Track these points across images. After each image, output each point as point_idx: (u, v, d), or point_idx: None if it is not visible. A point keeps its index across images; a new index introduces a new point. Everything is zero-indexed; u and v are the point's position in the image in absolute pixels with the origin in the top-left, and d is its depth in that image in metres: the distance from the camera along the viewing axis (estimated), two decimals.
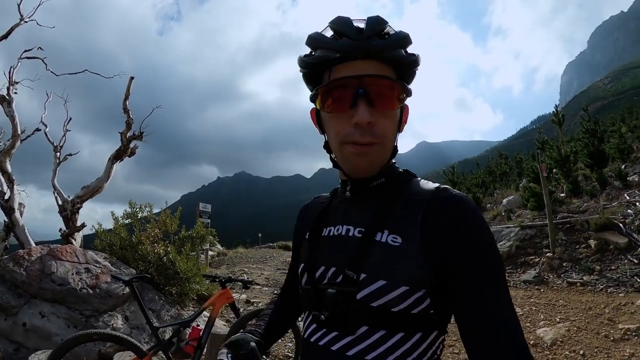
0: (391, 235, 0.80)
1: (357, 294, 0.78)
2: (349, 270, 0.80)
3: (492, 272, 0.75)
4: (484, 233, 0.77)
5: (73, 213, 7.03)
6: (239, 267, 11.31)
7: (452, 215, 0.78)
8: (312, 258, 0.91)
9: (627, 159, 17.13)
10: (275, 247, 20.29)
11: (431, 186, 0.85)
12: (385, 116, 0.81)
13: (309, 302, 0.88)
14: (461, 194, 0.82)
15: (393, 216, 0.82)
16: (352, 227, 0.87)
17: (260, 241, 26.24)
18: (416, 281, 0.76)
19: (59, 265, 4.42)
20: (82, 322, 4.09)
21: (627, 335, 4.46)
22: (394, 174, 0.91)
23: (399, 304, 0.76)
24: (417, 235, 0.78)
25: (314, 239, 0.95)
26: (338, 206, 0.97)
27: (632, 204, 8.60)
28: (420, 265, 0.76)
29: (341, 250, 0.85)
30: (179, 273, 5.14)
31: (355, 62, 0.79)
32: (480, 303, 0.72)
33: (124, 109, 7.55)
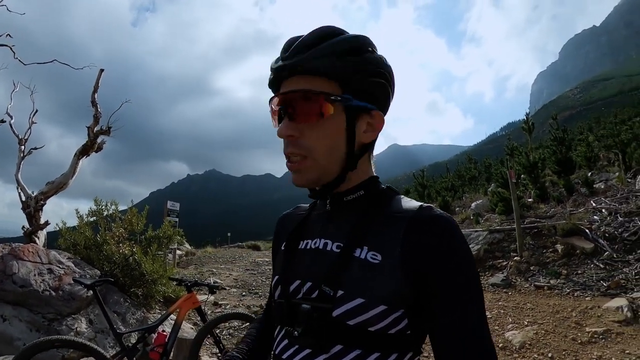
0: (371, 252, 0.77)
1: (333, 311, 0.75)
2: (326, 286, 0.77)
3: (470, 292, 0.74)
4: (464, 253, 0.76)
5: (36, 210, 6.74)
6: (207, 267, 11.12)
7: (434, 234, 0.76)
8: (287, 271, 0.88)
9: (594, 166, 17.80)
10: (245, 247, 20.13)
11: (414, 204, 0.83)
12: (312, 128, 0.80)
13: (282, 316, 0.85)
14: (444, 213, 0.80)
15: (373, 232, 0.80)
16: (330, 241, 0.84)
17: (229, 241, 25.99)
18: (395, 300, 0.74)
19: (21, 266, 4.21)
20: (44, 325, 3.91)
21: (594, 338, 4.58)
22: (375, 189, 0.89)
23: (376, 323, 0.73)
24: (397, 253, 0.75)
25: (290, 251, 0.92)
26: (317, 218, 0.94)
27: (598, 211, 8.91)
28: (400, 283, 0.74)
29: (318, 264, 0.82)
30: (145, 274, 4.99)
31: (287, 80, 0.82)
32: (456, 320, 0.72)
33: (92, 102, 7.29)
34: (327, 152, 0.81)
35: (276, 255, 1.03)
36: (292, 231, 0.96)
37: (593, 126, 36.39)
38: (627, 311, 5.00)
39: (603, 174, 15.75)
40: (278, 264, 0.96)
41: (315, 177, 0.83)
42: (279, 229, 1.07)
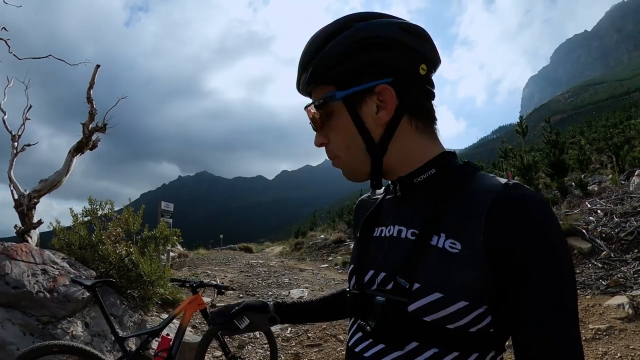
0: (449, 240, 0.69)
1: (408, 305, 0.69)
2: (401, 278, 0.70)
3: (564, 285, 0.64)
4: (558, 240, 0.65)
5: (29, 208, 6.59)
6: (201, 269, 11.02)
7: (522, 218, 0.65)
8: (362, 260, 0.83)
9: (586, 169, 17.96)
10: (237, 249, 20.08)
11: (497, 182, 0.71)
12: (333, 130, 0.81)
13: (355, 308, 0.80)
14: (534, 192, 0.69)
15: (451, 217, 0.71)
16: (405, 228, 0.77)
17: (221, 242, 25.88)
18: (477, 295, 0.66)
19: (14, 266, 4.08)
20: (38, 329, 3.78)
21: (598, 334, 4.63)
22: (451, 166, 0.79)
23: (456, 320, 0.66)
24: (479, 241, 0.66)
25: (364, 238, 0.87)
26: (390, 203, 0.88)
27: (593, 212, 8.96)
28: (483, 276, 0.66)
29: (392, 253, 0.76)
30: (142, 276, 4.87)
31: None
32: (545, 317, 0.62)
33: (87, 98, 7.15)
34: (346, 150, 0.81)
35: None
36: (366, 218, 0.91)
37: (584, 130, 36.82)
38: (628, 308, 5.05)
39: (596, 176, 15.90)
40: (353, 253, 0.91)
41: (351, 172, 0.84)
42: (356, 215, 1.04)
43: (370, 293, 0.76)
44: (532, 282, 0.63)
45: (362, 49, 0.74)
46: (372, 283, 0.78)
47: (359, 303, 0.78)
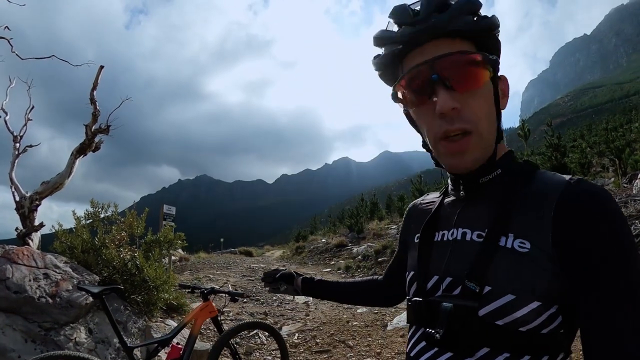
0: (518, 240, 0.66)
1: (479, 310, 0.65)
2: (470, 282, 0.67)
3: (634, 283, 0.61)
4: (627, 235, 0.63)
5: (31, 211, 6.47)
6: (203, 273, 10.94)
7: (590, 214, 0.63)
8: (423, 266, 0.79)
9: (588, 173, 17.93)
10: (237, 253, 20.06)
11: (561, 178, 0.70)
12: (473, 96, 0.69)
13: (419, 316, 0.75)
14: (600, 188, 0.67)
15: (518, 216, 0.69)
16: (469, 231, 0.74)
17: (222, 246, 25.85)
18: (549, 295, 0.64)
19: (15, 270, 3.97)
20: (40, 335, 3.66)
21: None
22: (512, 165, 0.77)
23: (528, 322, 0.63)
24: (549, 239, 0.64)
25: (425, 244, 0.82)
26: (450, 207, 0.83)
27: None
28: (554, 274, 0.63)
29: (458, 257, 0.72)
30: (146, 280, 4.76)
31: (423, 47, 0.72)
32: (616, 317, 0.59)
33: (90, 99, 7.05)
34: (489, 123, 0.71)
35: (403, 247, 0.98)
36: (426, 222, 0.85)
37: (585, 133, 36.85)
38: None
39: (597, 179, 15.87)
40: (411, 258, 0.86)
41: (480, 155, 0.72)
42: (408, 220, 0.98)
43: (435, 300, 0.73)
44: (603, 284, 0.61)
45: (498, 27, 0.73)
46: (437, 289, 0.75)
47: (423, 311, 0.75)
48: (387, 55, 0.76)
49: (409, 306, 0.81)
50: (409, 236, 0.94)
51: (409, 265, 0.87)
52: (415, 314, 0.78)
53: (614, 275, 0.61)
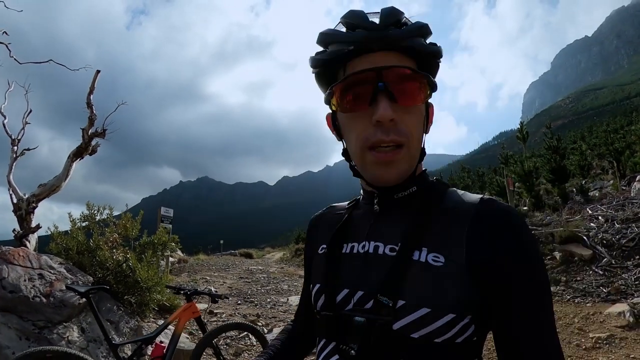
0: (432, 254, 0.68)
1: (393, 324, 0.66)
2: (383, 296, 0.68)
3: (543, 292, 0.67)
4: (535, 250, 0.69)
5: (28, 213, 6.56)
6: (200, 275, 10.99)
7: (501, 231, 0.68)
8: (332, 279, 0.78)
9: (587, 175, 17.90)
10: (237, 255, 20.05)
11: (474, 197, 0.75)
12: (409, 112, 0.72)
13: (329, 330, 0.75)
14: (509, 206, 0.72)
15: (432, 232, 0.71)
16: (382, 244, 0.74)
17: (221, 248, 25.80)
18: (463, 307, 0.66)
19: (11, 270, 4.05)
20: (34, 333, 3.75)
21: (598, 343, 4.55)
22: (426, 183, 0.80)
23: (443, 333, 0.65)
24: (462, 254, 0.67)
25: (331, 256, 0.81)
26: (361, 219, 0.83)
27: (594, 218, 8.92)
28: (467, 287, 0.66)
29: (369, 270, 0.73)
30: (139, 282, 4.84)
31: (372, 54, 0.72)
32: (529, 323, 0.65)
33: (87, 103, 7.14)
34: (418, 141, 0.74)
35: (308, 262, 0.94)
36: (334, 234, 0.85)
37: (585, 135, 36.77)
38: (629, 316, 4.98)
39: (597, 182, 15.86)
40: (317, 270, 0.85)
41: (407, 169, 0.73)
42: (312, 232, 0.96)
43: (347, 314, 0.72)
44: (517, 290, 0.66)
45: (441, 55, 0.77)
46: (347, 303, 0.74)
47: (334, 325, 0.73)
48: (334, 53, 0.74)
49: (317, 320, 0.80)
50: (313, 251, 0.91)
51: (313, 276, 0.85)
52: (325, 328, 0.76)
53: (526, 286, 0.65)
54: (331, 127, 0.83)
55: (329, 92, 0.76)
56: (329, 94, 0.76)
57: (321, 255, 0.85)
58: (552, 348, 0.65)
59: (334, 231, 0.85)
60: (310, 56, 0.80)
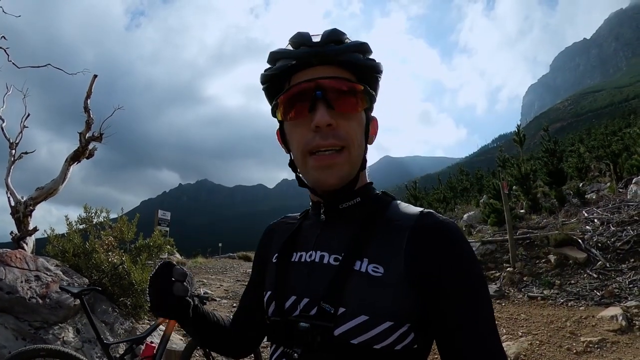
0: (372, 265, 0.73)
1: (334, 330, 0.70)
2: (325, 303, 0.72)
3: (480, 298, 0.71)
4: (471, 260, 0.73)
5: (25, 215, 6.61)
6: (197, 277, 10.98)
7: (439, 243, 0.73)
8: (281, 286, 0.82)
9: (585, 177, 17.94)
10: (236, 258, 19.98)
11: (414, 210, 0.80)
12: (348, 118, 0.77)
13: (277, 335, 0.79)
14: (446, 219, 0.77)
15: (373, 243, 0.76)
16: (327, 254, 0.79)
17: (220, 251, 25.73)
18: (401, 315, 0.70)
19: (8, 272, 4.10)
20: (30, 334, 3.80)
21: (589, 347, 4.57)
22: (371, 195, 0.85)
23: (382, 340, 0.69)
24: (401, 265, 0.72)
25: (282, 264, 0.86)
26: (310, 229, 0.88)
27: (590, 221, 8.96)
28: (405, 297, 0.70)
29: (315, 279, 0.78)
30: (134, 284, 4.88)
31: (313, 68, 0.78)
32: (467, 327, 0.69)
33: (84, 108, 7.19)
34: (358, 148, 0.79)
35: (262, 270, 0.97)
36: (284, 243, 0.90)
37: (584, 137, 36.82)
38: (621, 320, 5.00)
39: (594, 184, 15.90)
40: (269, 278, 0.90)
41: (347, 173, 0.78)
42: (266, 240, 1.01)
43: (292, 319, 0.76)
44: (456, 300, 0.69)
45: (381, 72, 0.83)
46: (294, 309, 0.78)
47: (282, 330, 0.78)
48: (279, 68, 0.80)
49: (268, 325, 0.84)
50: (264, 258, 0.96)
51: (266, 283, 0.89)
52: (275, 333, 0.80)
53: (463, 297, 0.69)
54: (280, 141, 0.88)
55: (274, 104, 0.82)
56: (274, 106, 0.82)
57: (273, 264, 0.89)
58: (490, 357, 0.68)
59: (285, 240, 0.90)
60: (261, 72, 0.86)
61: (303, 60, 0.78)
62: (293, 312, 0.78)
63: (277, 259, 0.89)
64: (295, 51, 0.79)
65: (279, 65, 0.81)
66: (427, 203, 20.58)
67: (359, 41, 0.80)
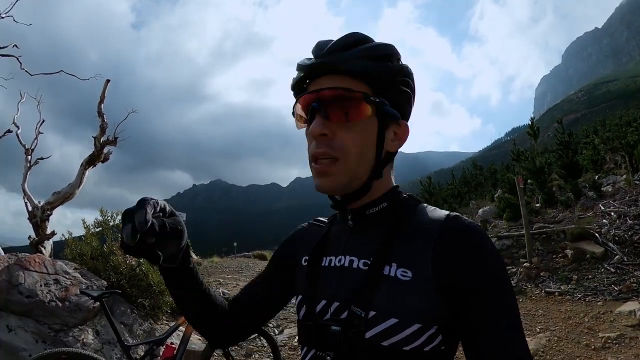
0: (400, 269, 0.74)
1: (365, 333, 0.72)
2: (356, 307, 0.74)
3: (508, 305, 0.71)
4: (499, 264, 0.73)
5: (43, 220, 6.74)
6: (214, 277, 11.05)
7: (466, 247, 0.73)
8: (312, 290, 0.84)
9: (601, 170, 17.64)
10: (251, 257, 20.08)
11: (440, 214, 0.80)
12: (348, 129, 0.77)
13: (309, 338, 0.81)
14: (473, 223, 0.77)
15: (401, 247, 0.76)
16: (356, 259, 0.80)
17: (235, 250, 25.89)
18: (429, 318, 0.71)
19: (27, 276, 4.19)
20: (50, 336, 3.87)
21: (607, 343, 4.50)
22: (398, 199, 0.85)
23: (411, 342, 0.70)
24: (428, 269, 0.72)
25: (313, 269, 0.87)
26: (338, 234, 0.89)
27: (607, 214, 8.81)
28: (433, 300, 0.71)
29: (345, 283, 0.79)
30: (152, 285, 4.95)
31: (321, 79, 0.79)
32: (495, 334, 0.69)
33: (98, 112, 7.30)
34: (359, 156, 0.78)
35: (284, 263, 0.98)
36: (315, 247, 0.91)
37: (598, 129, 36.18)
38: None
39: (610, 176, 15.61)
40: (300, 282, 0.91)
41: (345, 181, 0.78)
42: (296, 239, 1.01)
43: (324, 323, 0.77)
44: (482, 304, 0.70)
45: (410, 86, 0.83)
46: (325, 313, 0.80)
47: (313, 333, 0.79)
48: (296, 79, 0.84)
49: (299, 328, 0.87)
50: (294, 255, 0.97)
51: (297, 288, 0.92)
52: (306, 336, 0.83)
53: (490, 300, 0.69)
54: None
55: (293, 111, 0.86)
56: (293, 113, 0.86)
57: (303, 267, 0.91)
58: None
59: (315, 245, 0.91)
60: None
61: (310, 73, 0.81)
62: (324, 315, 0.79)
63: (307, 263, 0.90)
64: (304, 63, 0.81)
65: (295, 77, 0.84)
66: (441, 198, 20.41)
67: (370, 44, 0.79)
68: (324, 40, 0.81)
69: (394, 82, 0.80)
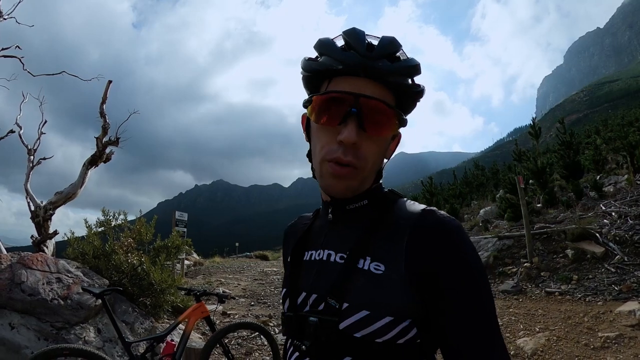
0: (374, 263, 0.76)
1: (339, 324, 0.75)
2: (331, 299, 0.77)
3: (480, 295, 0.72)
4: (471, 256, 0.74)
5: (45, 220, 6.78)
6: (215, 277, 11.10)
7: (438, 241, 0.74)
8: (294, 283, 0.88)
9: (602, 170, 17.60)
10: (253, 257, 20.12)
11: (416, 208, 0.81)
12: (373, 141, 0.78)
13: (290, 329, 0.84)
14: (447, 216, 0.78)
15: (376, 242, 0.78)
16: (334, 253, 0.84)
17: (237, 250, 25.96)
18: (401, 311, 0.73)
19: (30, 275, 4.22)
20: (52, 334, 3.91)
21: (607, 343, 4.50)
22: (378, 195, 0.87)
23: (383, 334, 0.73)
24: (401, 263, 0.74)
25: (295, 262, 0.91)
26: (320, 229, 0.92)
27: (608, 214, 8.80)
28: (405, 294, 0.73)
29: (322, 276, 0.82)
30: (153, 284, 4.99)
31: (356, 78, 0.77)
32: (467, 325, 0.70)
33: (100, 113, 7.35)
34: (374, 165, 0.81)
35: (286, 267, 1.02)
36: (296, 243, 0.95)
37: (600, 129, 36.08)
38: (639, 315, 4.91)
39: (612, 177, 15.58)
40: (285, 276, 0.95)
41: (356, 185, 0.80)
42: (285, 241, 1.06)
43: (303, 314, 0.81)
44: (454, 298, 0.71)
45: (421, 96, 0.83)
46: (305, 305, 0.83)
47: (294, 324, 0.82)
48: (323, 65, 0.79)
49: (283, 320, 0.89)
50: (286, 258, 1.01)
51: (283, 282, 0.96)
52: (287, 327, 0.85)
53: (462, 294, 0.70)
54: (304, 127, 0.91)
55: (308, 99, 0.82)
56: (307, 101, 0.82)
57: (289, 263, 0.94)
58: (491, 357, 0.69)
59: (296, 240, 0.95)
60: (303, 58, 0.85)
61: (350, 69, 0.77)
62: (304, 307, 0.83)
63: (290, 259, 0.93)
64: (345, 55, 0.77)
65: (324, 62, 0.79)
66: (442, 199, 20.38)
67: (412, 61, 0.79)
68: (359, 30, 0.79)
69: (415, 101, 0.83)
